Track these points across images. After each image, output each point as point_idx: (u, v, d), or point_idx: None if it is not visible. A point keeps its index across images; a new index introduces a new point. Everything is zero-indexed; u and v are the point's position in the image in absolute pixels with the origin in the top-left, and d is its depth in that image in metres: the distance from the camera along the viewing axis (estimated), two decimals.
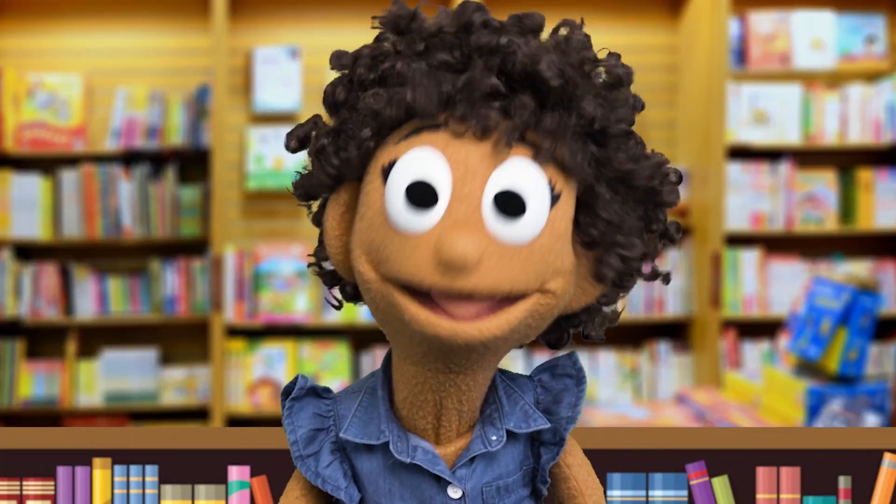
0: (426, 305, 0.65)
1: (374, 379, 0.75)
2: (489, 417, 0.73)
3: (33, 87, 3.56)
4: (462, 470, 0.72)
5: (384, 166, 0.67)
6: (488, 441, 0.72)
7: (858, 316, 2.09)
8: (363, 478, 0.73)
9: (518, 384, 0.76)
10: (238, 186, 3.63)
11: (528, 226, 0.64)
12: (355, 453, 0.73)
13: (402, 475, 0.72)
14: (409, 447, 0.71)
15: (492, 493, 0.73)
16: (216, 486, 1.08)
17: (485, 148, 0.65)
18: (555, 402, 0.76)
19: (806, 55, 3.58)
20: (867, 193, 3.60)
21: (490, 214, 0.64)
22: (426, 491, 0.71)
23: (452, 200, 0.64)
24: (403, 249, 0.64)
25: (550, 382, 0.77)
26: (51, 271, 3.56)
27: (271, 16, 3.65)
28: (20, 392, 3.54)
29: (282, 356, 3.58)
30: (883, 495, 1.07)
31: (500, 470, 0.73)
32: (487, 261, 0.63)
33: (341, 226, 0.71)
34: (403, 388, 0.71)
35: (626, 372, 3.65)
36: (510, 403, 0.74)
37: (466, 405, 0.71)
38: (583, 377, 0.77)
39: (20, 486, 1.07)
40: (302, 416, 0.74)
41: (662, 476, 1.07)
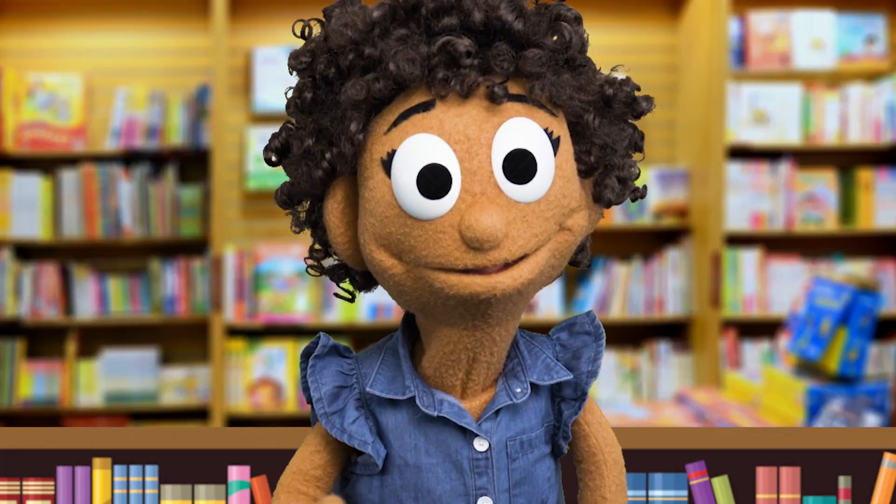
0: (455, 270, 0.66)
1: (392, 340, 0.76)
2: (512, 371, 0.74)
3: (33, 87, 3.56)
4: (487, 423, 0.72)
5: (383, 158, 0.67)
6: (513, 393, 0.73)
7: (858, 316, 2.09)
8: (388, 433, 0.73)
9: (538, 341, 0.77)
10: (238, 186, 3.63)
11: (541, 181, 0.66)
12: (380, 409, 0.74)
13: (427, 429, 0.72)
14: (434, 401, 0.72)
15: (515, 448, 0.73)
16: (216, 486, 1.08)
17: (478, 112, 0.66)
18: (574, 358, 0.77)
19: (806, 55, 3.58)
20: (867, 193, 3.60)
21: (503, 180, 0.65)
22: (452, 444, 0.72)
23: (464, 176, 0.65)
24: (427, 236, 0.65)
25: (569, 340, 0.78)
26: (51, 271, 3.56)
27: (271, 16, 3.65)
28: (20, 392, 3.54)
29: (282, 356, 3.58)
30: (883, 495, 1.07)
31: (524, 424, 0.74)
32: (512, 228, 0.65)
33: (343, 222, 0.71)
34: (435, 348, 0.72)
35: (626, 372, 3.65)
36: (531, 357, 0.75)
37: (496, 356, 0.72)
38: (601, 333, 0.78)
39: (20, 486, 1.07)
40: (325, 374, 0.75)
41: (662, 476, 1.07)
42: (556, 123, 0.68)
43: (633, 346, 3.67)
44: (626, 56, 3.76)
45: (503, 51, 0.66)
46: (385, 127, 0.67)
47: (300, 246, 3.57)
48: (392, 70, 0.65)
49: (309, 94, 0.70)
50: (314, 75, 0.70)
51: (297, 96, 0.71)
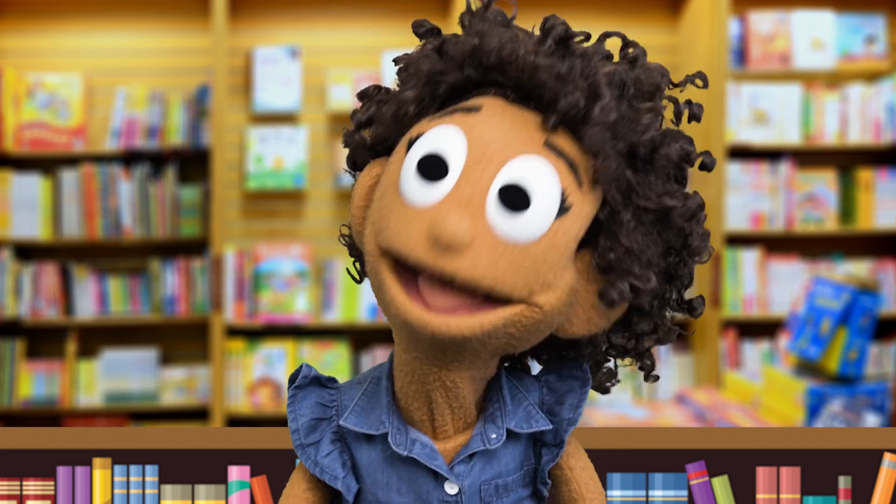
0: (408, 290, 0.65)
1: (380, 370, 0.75)
2: (491, 416, 0.72)
3: (33, 87, 3.56)
4: (460, 466, 0.71)
5: (411, 138, 0.67)
6: (488, 439, 0.71)
7: (858, 316, 2.09)
8: (362, 469, 0.73)
9: (524, 384, 0.75)
10: (238, 186, 3.63)
11: (528, 226, 0.63)
12: (356, 443, 0.73)
13: (399, 468, 0.71)
14: (407, 440, 0.71)
15: (490, 492, 0.72)
16: (216, 486, 1.08)
17: (513, 136, 0.65)
18: (558, 404, 0.75)
19: (806, 55, 3.58)
20: (867, 193, 3.60)
21: (493, 204, 0.63)
22: (423, 485, 0.71)
23: (461, 180, 0.64)
24: (402, 220, 0.64)
25: (556, 383, 0.76)
26: (51, 271, 3.56)
27: (271, 16, 3.65)
28: (20, 392, 3.54)
29: (282, 356, 3.58)
30: (883, 495, 1.07)
31: (500, 468, 0.73)
32: (477, 249, 0.62)
33: (366, 198, 0.71)
34: (399, 377, 0.71)
35: (626, 372, 3.65)
36: (514, 403, 0.73)
37: (456, 402, 0.70)
38: (588, 379, 0.76)
39: (20, 486, 1.07)
40: (304, 405, 0.74)
41: (662, 476, 1.07)
42: (578, 197, 0.65)
43: None
44: None
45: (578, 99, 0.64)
46: (431, 118, 0.68)
47: (300, 246, 3.57)
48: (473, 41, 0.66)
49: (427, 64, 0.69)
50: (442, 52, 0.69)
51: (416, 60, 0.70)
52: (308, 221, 3.68)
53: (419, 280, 0.64)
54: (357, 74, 3.57)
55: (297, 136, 3.56)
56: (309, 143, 3.59)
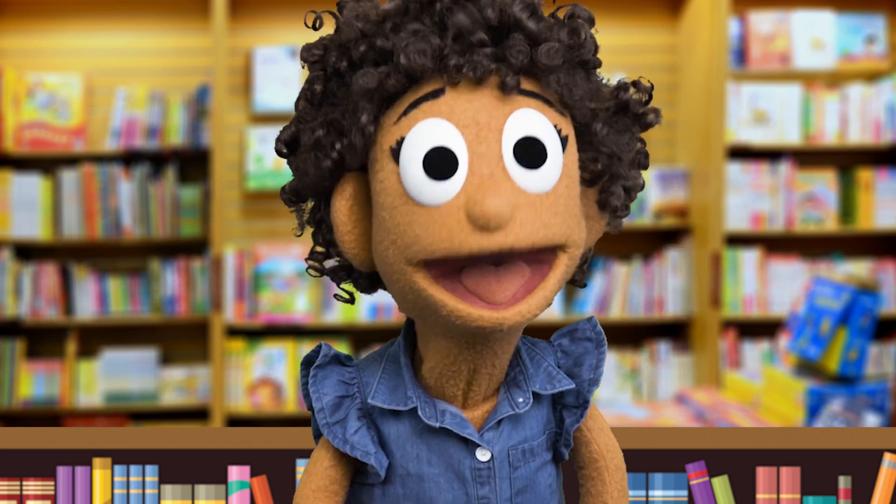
0: (460, 294, 0.65)
1: (394, 347, 0.75)
2: (514, 380, 0.73)
3: (33, 87, 3.56)
4: (490, 433, 0.72)
5: (392, 147, 0.66)
6: (515, 403, 0.72)
7: (858, 316, 2.09)
8: (390, 443, 0.73)
9: (539, 348, 0.77)
10: (238, 186, 3.63)
11: (550, 172, 0.65)
12: (382, 419, 0.73)
13: (429, 440, 0.72)
14: (437, 412, 0.71)
15: (517, 456, 0.73)
16: (216, 486, 1.08)
17: (489, 101, 0.65)
18: (576, 365, 0.76)
19: (806, 55, 3.58)
20: (867, 193, 3.60)
21: (513, 166, 0.64)
22: (454, 454, 0.72)
23: (472, 160, 0.64)
24: (431, 222, 0.63)
25: (570, 346, 0.77)
26: (51, 271, 3.56)
27: (271, 16, 3.65)
28: (20, 392, 3.54)
29: (282, 356, 3.58)
30: (883, 495, 1.07)
31: (526, 433, 0.74)
32: (520, 212, 0.63)
33: (351, 219, 0.70)
34: (435, 359, 0.71)
35: (626, 372, 3.65)
36: (534, 366, 0.75)
37: (498, 367, 0.72)
38: (602, 339, 0.77)
39: (20, 486, 1.07)
40: (327, 384, 0.74)
41: (662, 476, 1.07)
42: (565, 123, 0.67)
43: (633, 346, 3.67)
44: (626, 56, 3.78)
45: (518, 42, 0.65)
46: (395, 118, 0.66)
47: (300, 246, 3.57)
48: (403, 63, 0.65)
49: (320, 86, 0.70)
50: (325, 68, 0.69)
51: (308, 88, 0.70)
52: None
53: (465, 280, 0.65)
54: None
55: None
56: None
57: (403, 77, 0.65)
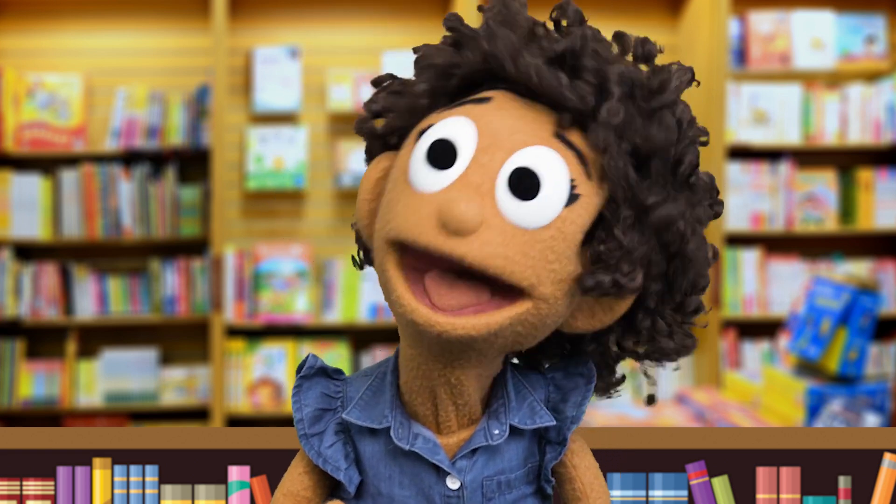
0: (414, 289, 0.65)
1: (385, 364, 0.75)
2: (495, 411, 0.72)
3: (33, 87, 3.56)
4: (462, 461, 0.71)
5: (422, 129, 0.67)
6: (490, 434, 0.71)
7: (858, 316, 2.09)
8: (365, 461, 0.73)
9: (530, 381, 0.75)
10: (238, 186, 3.63)
11: (537, 212, 0.64)
12: (359, 436, 0.73)
13: (402, 462, 0.71)
14: (409, 434, 0.71)
15: (492, 488, 0.72)
16: (216, 486, 1.08)
17: (521, 126, 0.65)
18: (563, 401, 0.75)
19: (806, 55, 3.58)
20: (867, 193, 3.60)
21: (503, 188, 0.64)
22: (426, 479, 0.71)
23: (471, 166, 0.64)
24: (410, 206, 0.64)
25: (563, 381, 0.76)
26: (51, 271, 3.56)
27: (271, 16, 3.65)
28: (20, 392, 3.54)
29: (282, 356, 3.58)
30: (883, 495, 1.07)
31: (503, 465, 0.73)
32: (486, 233, 0.62)
33: (373, 191, 0.70)
34: (404, 371, 0.71)
35: (626, 372, 3.65)
36: (518, 399, 0.73)
37: (461, 399, 0.70)
38: (592, 377, 0.76)
39: (20, 486, 1.07)
40: (310, 395, 0.74)
41: (662, 476, 1.07)
42: (587, 188, 0.65)
43: None
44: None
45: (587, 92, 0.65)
46: (443, 109, 0.68)
47: (300, 246, 3.57)
48: (484, 47, 0.66)
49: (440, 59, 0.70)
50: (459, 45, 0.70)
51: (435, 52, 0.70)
52: (308, 221, 3.68)
53: (426, 279, 0.65)
54: (357, 74, 3.57)
55: (297, 136, 3.56)
56: (309, 143, 3.59)
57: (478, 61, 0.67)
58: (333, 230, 3.66)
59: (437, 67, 0.69)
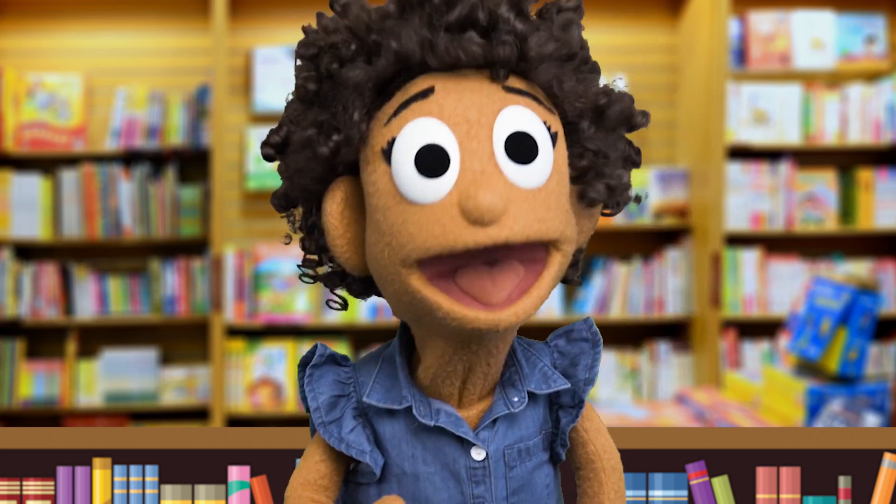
0: (455, 296, 0.65)
1: (390, 348, 0.76)
2: (509, 380, 0.74)
3: (33, 87, 3.56)
4: (485, 432, 0.72)
5: (383, 148, 0.66)
6: (510, 402, 0.72)
7: (858, 316, 2.09)
8: (385, 442, 0.73)
9: (535, 348, 0.77)
10: (238, 186, 3.63)
11: (541, 168, 0.65)
12: (377, 418, 0.74)
13: (424, 439, 0.72)
14: (431, 411, 0.72)
15: (513, 456, 0.73)
16: (216, 486, 1.08)
17: (478, 98, 0.65)
18: (572, 366, 0.77)
19: (806, 55, 3.58)
20: (867, 193, 3.60)
21: (504, 162, 0.64)
22: (449, 454, 0.72)
23: (464, 157, 0.64)
24: (425, 220, 0.63)
25: (566, 347, 0.77)
26: (51, 271, 3.56)
27: (271, 16, 3.65)
28: (20, 392, 3.54)
29: (282, 356, 3.58)
30: (883, 495, 1.07)
31: (522, 432, 0.74)
32: (513, 206, 0.63)
33: (343, 223, 0.70)
34: (430, 359, 0.71)
35: (626, 372, 3.65)
36: (529, 365, 0.75)
37: (494, 367, 0.72)
38: (598, 340, 0.77)
39: (20, 486, 1.07)
40: (323, 383, 0.74)
41: (662, 476, 1.07)
42: (554, 120, 0.68)
43: (633, 346, 3.67)
44: (626, 56, 3.78)
45: (506, 36, 0.65)
46: (385, 119, 0.66)
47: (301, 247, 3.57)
48: (394, 46, 0.65)
49: (313, 85, 0.69)
50: (318, 69, 0.69)
51: (302, 86, 0.70)
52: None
53: (459, 281, 0.65)
54: None
55: None
56: None
57: (392, 63, 0.66)
58: None
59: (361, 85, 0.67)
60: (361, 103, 0.67)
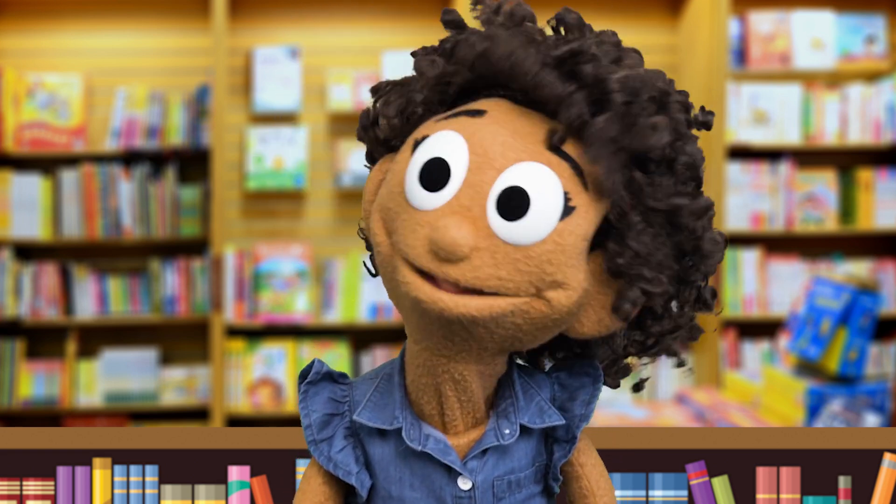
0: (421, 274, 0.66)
1: (391, 366, 0.75)
2: (504, 411, 0.73)
3: (33, 87, 3.56)
4: (473, 462, 0.71)
5: (417, 139, 0.67)
6: (501, 434, 0.71)
7: (858, 316, 2.09)
8: (375, 464, 0.73)
9: (535, 380, 0.76)
10: (238, 186, 3.63)
11: (529, 229, 0.63)
12: (369, 439, 0.73)
13: (413, 463, 0.71)
14: (421, 435, 0.71)
15: (503, 487, 0.72)
16: (216, 486, 1.08)
17: (513, 142, 0.65)
18: (570, 400, 0.75)
19: (806, 55, 3.58)
20: (867, 193, 3.60)
21: (493, 210, 0.64)
22: (436, 481, 0.71)
23: (463, 186, 0.64)
24: (408, 225, 0.65)
25: (568, 380, 0.76)
26: (51, 271, 3.56)
27: (271, 16, 3.65)
28: (20, 392, 3.54)
29: (282, 356, 3.58)
30: (883, 495, 1.07)
31: (513, 464, 0.73)
32: (480, 255, 0.63)
33: (375, 192, 0.72)
34: (410, 370, 0.71)
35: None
36: (526, 398, 0.74)
37: (465, 396, 0.70)
38: (599, 376, 0.76)
39: (20, 486, 1.07)
40: (317, 401, 0.74)
41: (662, 476, 1.07)
42: (584, 198, 0.65)
43: None
44: None
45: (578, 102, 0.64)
46: (440, 117, 0.68)
47: (300, 246, 3.57)
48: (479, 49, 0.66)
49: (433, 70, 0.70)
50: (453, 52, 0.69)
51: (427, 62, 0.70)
52: (308, 221, 3.68)
53: None
54: (357, 74, 3.57)
55: (297, 136, 3.56)
56: (309, 143, 3.59)
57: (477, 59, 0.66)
58: (333, 230, 3.66)
59: (429, 79, 0.69)
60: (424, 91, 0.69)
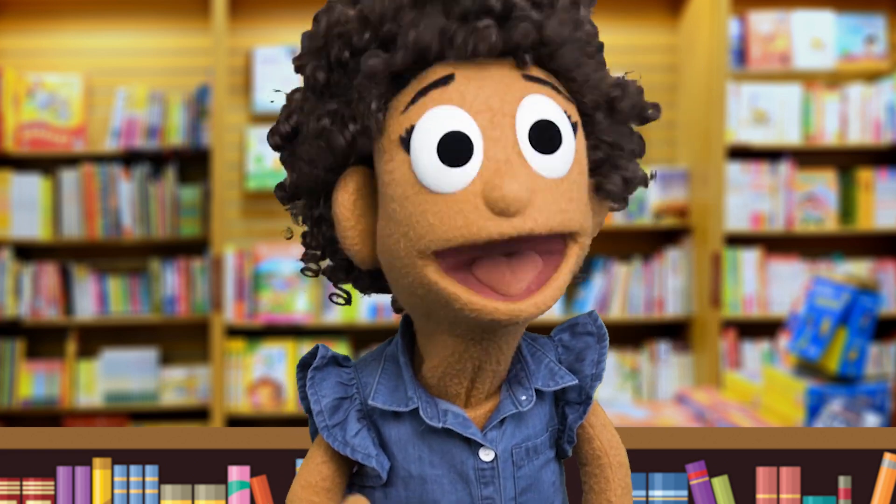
0: (473, 286, 0.63)
1: (392, 347, 0.74)
2: (516, 377, 0.72)
3: (33, 87, 3.56)
4: (493, 432, 0.71)
5: (401, 136, 0.64)
6: (518, 401, 0.71)
7: (858, 316, 2.09)
8: (391, 445, 0.72)
9: (540, 344, 0.75)
10: (238, 186, 3.63)
11: (564, 158, 0.64)
12: (382, 420, 0.72)
13: (431, 441, 0.71)
14: (438, 412, 0.70)
15: (521, 455, 0.72)
16: (216, 486, 1.08)
17: (499, 86, 0.64)
18: (578, 361, 0.75)
19: (806, 55, 3.58)
20: (867, 193, 3.60)
21: (528, 151, 0.63)
22: (457, 455, 0.71)
23: (487, 146, 0.62)
24: (447, 209, 0.62)
25: (571, 341, 0.76)
26: (51, 271, 3.56)
27: (271, 16, 3.65)
28: (20, 392, 3.54)
29: (282, 356, 3.58)
30: (883, 495, 1.07)
31: (529, 431, 0.73)
32: (538, 197, 0.62)
33: (355, 214, 0.68)
34: (438, 357, 0.70)
35: (626, 372, 3.65)
36: (535, 362, 0.73)
37: (503, 364, 0.70)
38: (604, 334, 0.76)
39: (20, 486, 1.07)
40: (325, 386, 0.73)
41: (662, 476, 1.07)
42: (573, 110, 0.67)
43: (633, 346, 3.67)
44: (626, 56, 3.78)
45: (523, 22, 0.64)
46: (402, 108, 0.65)
47: (300, 246, 3.57)
48: (411, 38, 0.63)
49: (322, 75, 0.68)
50: (328, 58, 0.68)
51: (311, 76, 0.69)
52: None
53: (476, 272, 0.63)
54: None
55: None
56: None
57: (411, 54, 0.64)
58: None
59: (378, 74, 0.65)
60: (378, 92, 0.65)
